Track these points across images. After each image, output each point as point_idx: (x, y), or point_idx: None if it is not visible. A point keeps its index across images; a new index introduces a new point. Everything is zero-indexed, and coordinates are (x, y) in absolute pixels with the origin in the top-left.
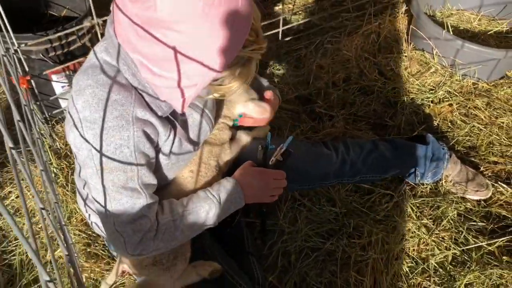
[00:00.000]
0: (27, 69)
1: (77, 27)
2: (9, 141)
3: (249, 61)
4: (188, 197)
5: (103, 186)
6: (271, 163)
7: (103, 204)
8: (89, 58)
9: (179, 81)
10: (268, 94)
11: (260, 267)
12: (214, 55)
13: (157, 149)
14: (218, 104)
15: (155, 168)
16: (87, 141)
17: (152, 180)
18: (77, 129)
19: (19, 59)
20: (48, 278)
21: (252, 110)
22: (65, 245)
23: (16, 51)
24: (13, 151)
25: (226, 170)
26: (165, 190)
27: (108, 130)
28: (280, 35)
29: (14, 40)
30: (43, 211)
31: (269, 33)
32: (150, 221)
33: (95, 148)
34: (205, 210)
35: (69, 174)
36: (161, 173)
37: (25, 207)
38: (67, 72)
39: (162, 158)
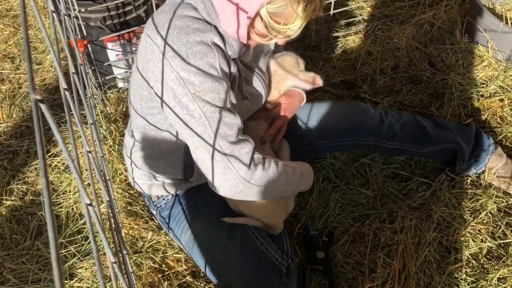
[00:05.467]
0: (85, 34)
1: None
2: (63, 83)
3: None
4: None
5: (202, 111)
6: (320, 245)
7: (204, 130)
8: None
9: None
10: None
11: (290, 239)
12: None
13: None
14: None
15: None
16: (170, 70)
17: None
18: (161, 63)
19: (79, 25)
20: (89, 202)
21: (302, 82)
22: (106, 188)
23: (76, 16)
24: (66, 92)
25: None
26: None
27: (195, 54)
28: (330, 17)
29: (76, 6)
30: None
31: (320, 15)
32: (253, 145)
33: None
34: (297, 172)
35: (117, 137)
36: None
37: (72, 136)
38: (122, 41)
39: None
